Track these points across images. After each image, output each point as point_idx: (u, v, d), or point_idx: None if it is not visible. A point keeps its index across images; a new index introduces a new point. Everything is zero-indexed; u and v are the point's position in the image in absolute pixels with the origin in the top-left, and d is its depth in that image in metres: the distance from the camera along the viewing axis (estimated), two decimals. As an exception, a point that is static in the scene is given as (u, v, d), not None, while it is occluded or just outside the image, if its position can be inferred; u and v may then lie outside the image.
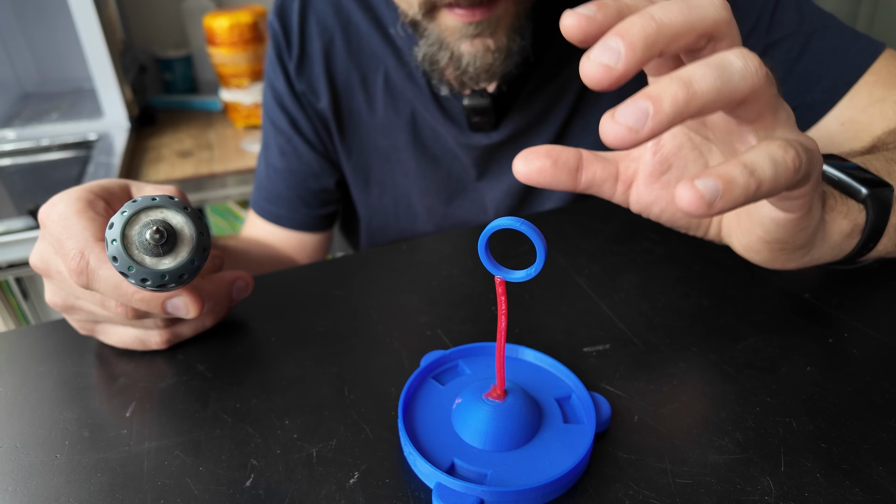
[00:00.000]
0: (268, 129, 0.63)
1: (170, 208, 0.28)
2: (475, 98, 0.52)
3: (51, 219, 0.30)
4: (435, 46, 0.47)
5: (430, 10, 0.44)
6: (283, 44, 0.58)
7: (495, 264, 0.24)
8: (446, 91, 0.51)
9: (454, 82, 0.50)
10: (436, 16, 0.45)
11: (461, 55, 0.46)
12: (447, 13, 0.44)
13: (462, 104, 0.53)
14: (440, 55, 0.47)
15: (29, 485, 0.26)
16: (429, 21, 0.46)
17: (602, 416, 0.27)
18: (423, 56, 0.48)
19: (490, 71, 0.47)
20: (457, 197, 0.62)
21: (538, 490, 0.24)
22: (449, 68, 0.48)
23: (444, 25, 0.45)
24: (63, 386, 0.32)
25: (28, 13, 1.27)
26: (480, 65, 0.46)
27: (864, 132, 0.48)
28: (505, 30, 0.45)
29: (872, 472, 0.25)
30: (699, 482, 0.25)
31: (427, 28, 0.47)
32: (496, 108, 0.54)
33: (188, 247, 0.28)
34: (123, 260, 0.27)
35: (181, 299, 0.30)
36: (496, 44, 0.45)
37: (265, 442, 0.28)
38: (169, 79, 1.39)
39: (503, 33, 0.45)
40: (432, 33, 0.47)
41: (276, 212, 0.64)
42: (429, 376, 0.30)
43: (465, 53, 0.46)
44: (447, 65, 0.47)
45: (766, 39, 0.51)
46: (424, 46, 0.48)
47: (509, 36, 0.46)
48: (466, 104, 0.52)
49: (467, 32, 0.44)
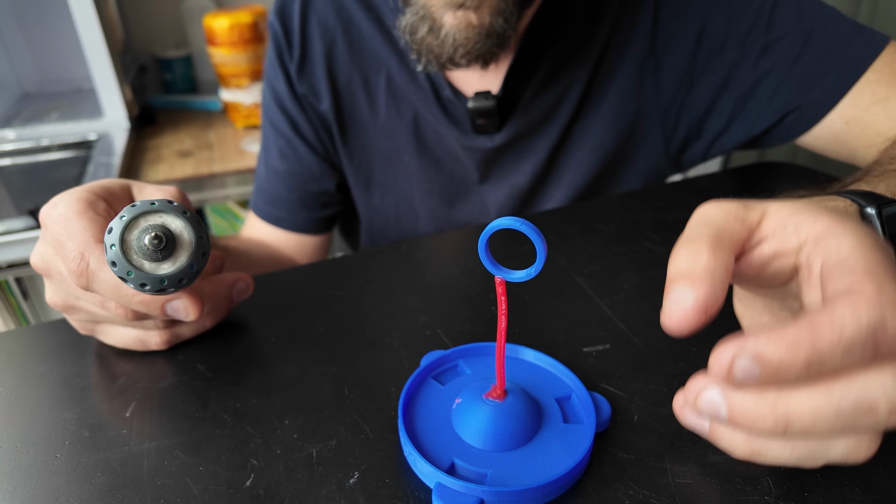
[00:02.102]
0: (268, 130, 0.63)
1: (169, 213, 0.28)
2: (479, 100, 0.52)
3: (52, 219, 0.30)
4: (418, 16, 0.46)
5: None
6: (284, 45, 0.58)
7: (495, 264, 0.24)
8: (422, 68, 0.50)
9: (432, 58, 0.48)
10: None
11: (442, 25, 0.45)
12: None
13: (466, 106, 0.53)
14: (421, 26, 0.46)
15: (29, 484, 0.26)
16: None
17: (602, 415, 0.28)
18: (405, 26, 0.47)
19: (468, 47, 0.46)
20: (459, 199, 0.62)
21: (538, 490, 0.24)
22: (428, 39, 0.47)
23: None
24: (63, 386, 0.32)
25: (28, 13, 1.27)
26: (459, 39, 0.45)
27: (870, 130, 0.48)
28: (489, 8, 0.44)
29: (872, 472, 0.25)
30: (699, 482, 0.25)
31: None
32: (500, 110, 0.54)
33: (187, 251, 0.28)
34: (122, 265, 0.27)
35: (181, 302, 0.30)
36: (479, 20, 0.45)
37: (265, 442, 0.28)
38: (169, 79, 1.39)
39: (487, 11, 0.45)
40: (417, 2, 0.46)
41: (276, 214, 0.64)
42: (429, 376, 0.30)
43: (447, 24, 0.45)
44: (426, 35, 0.46)
45: (766, 38, 0.51)
46: (408, 15, 0.47)
47: (493, 15, 0.45)
48: (471, 106, 0.52)
49: (452, 2, 0.44)
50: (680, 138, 0.57)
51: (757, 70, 0.52)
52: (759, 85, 0.52)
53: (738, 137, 0.55)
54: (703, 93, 0.54)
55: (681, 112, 0.56)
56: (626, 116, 0.56)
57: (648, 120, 0.57)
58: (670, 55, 0.54)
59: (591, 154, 0.58)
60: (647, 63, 0.54)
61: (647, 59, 0.54)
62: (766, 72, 0.52)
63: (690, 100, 0.55)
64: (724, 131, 0.56)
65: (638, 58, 0.54)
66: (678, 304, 0.21)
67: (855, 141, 0.49)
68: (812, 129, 0.52)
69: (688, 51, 0.53)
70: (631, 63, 0.54)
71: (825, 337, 0.18)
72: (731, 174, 0.56)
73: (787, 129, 0.53)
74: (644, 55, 0.54)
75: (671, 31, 0.53)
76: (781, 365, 0.18)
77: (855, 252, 0.20)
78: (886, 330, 0.18)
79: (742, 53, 0.52)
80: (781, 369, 0.19)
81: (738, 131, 0.55)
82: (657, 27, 0.53)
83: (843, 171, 0.42)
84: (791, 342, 0.18)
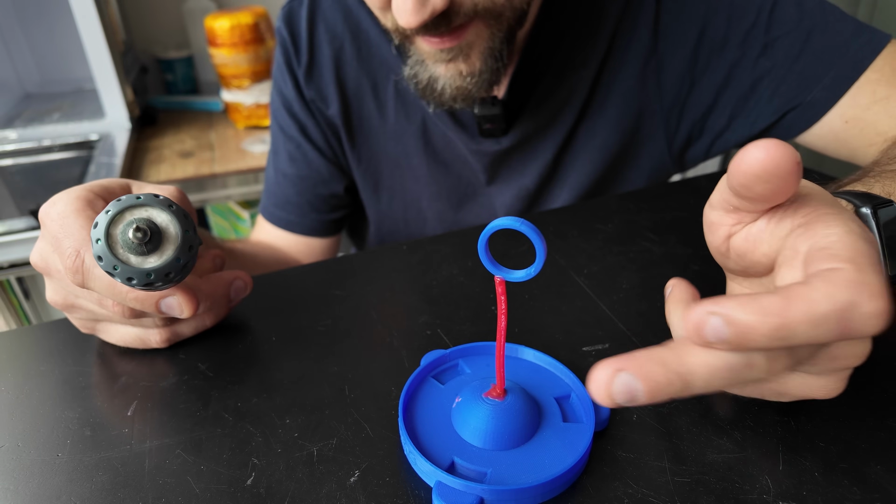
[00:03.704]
0: (277, 134, 0.63)
1: (154, 206, 0.28)
2: (486, 107, 0.53)
3: (50, 217, 0.30)
4: (417, 67, 0.49)
5: (405, 36, 0.46)
6: (292, 50, 0.59)
7: (495, 264, 0.25)
8: (432, 109, 0.53)
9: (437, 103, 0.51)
10: (413, 41, 0.47)
11: (437, 77, 0.48)
12: (420, 40, 0.46)
13: (473, 112, 0.53)
14: (422, 75, 0.49)
15: (31, 483, 0.26)
16: (409, 44, 0.48)
17: (601, 414, 0.28)
18: (409, 75, 0.50)
19: (464, 93, 0.49)
20: (467, 202, 0.62)
21: (538, 488, 0.24)
22: (428, 87, 0.49)
23: (421, 49, 0.47)
24: (64, 385, 0.32)
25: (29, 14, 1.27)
26: (454, 87, 0.48)
27: (870, 129, 0.48)
28: (479, 54, 0.46)
29: (871, 472, 0.25)
30: (698, 481, 0.25)
31: (409, 50, 0.48)
32: (506, 114, 0.54)
33: (173, 245, 0.28)
34: (108, 259, 0.27)
35: (175, 299, 0.31)
36: (469, 68, 0.47)
37: (266, 441, 0.28)
38: (170, 79, 1.40)
39: (476, 57, 0.46)
40: (414, 54, 0.48)
41: (286, 217, 0.64)
42: (429, 375, 0.30)
43: (441, 76, 0.48)
44: (427, 84, 0.49)
45: (766, 37, 0.51)
46: (409, 66, 0.49)
47: (483, 59, 0.47)
48: (477, 113, 0.53)
49: (441, 58, 0.46)
50: (682, 137, 0.58)
51: (757, 69, 0.52)
52: (760, 83, 0.52)
53: (739, 136, 0.55)
54: (704, 92, 0.55)
55: (683, 111, 0.56)
56: (629, 116, 0.56)
57: (651, 119, 0.57)
58: (672, 55, 0.54)
59: (595, 155, 0.58)
60: (650, 63, 0.54)
61: (650, 59, 0.54)
62: (766, 70, 0.52)
63: (692, 99, 0.55)
64: (726, 129, 0.56)
65: (640, 58, 0.54)
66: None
67: (855, 140, 0.49)
68: (812, 128, 0.52)
69: (689, 50, 0.53)
70: (633, 63, 0.54)
71: (797, 308, 0.18)
72: (731, 174, 0.56)
73: (787, 128, 0.53)
74: (646, 55, 0.54)
75: (672, 31, 0.53)
76: (750, 330, 0.19)
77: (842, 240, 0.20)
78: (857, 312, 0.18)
79: (742, 52, 0.52)
80: (750, 334, 0.19)
81: (739, 129, 0.55)
82: (658, 27, 0.53)
83: (841, 170, 0.42)
84: (762, 309, 0.19)
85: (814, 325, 0.18)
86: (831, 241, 0.20)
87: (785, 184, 0.21)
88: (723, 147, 0.57)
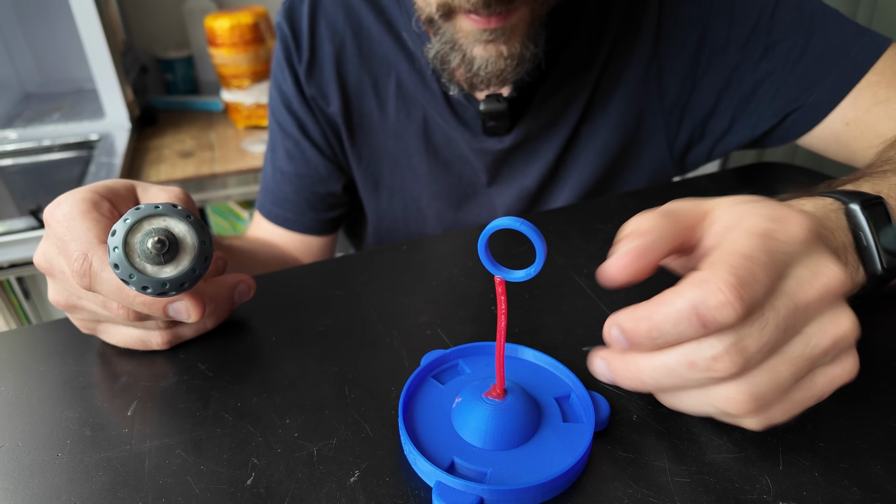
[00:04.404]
0: (275, 131, 0.63)
1: (173, 217, 0.28)
2: (492, 103, 0.52)
3: (55, 219, 0.30)
4: (448, 46, 0.47)
5: (448, 12, 0.44)
6: (293, 47, 0.58)
7: (495, 264, 0.25)
8: (455, 91, 0.51)
9: (464, 83, 0.50)
10: (452, 18, 0.45)
11: (473, 58, 0.46)
12: (464, 17, 0.44)
13: (478, 108, 0.53)
14: (452, 56, 0.47)
15: (31, 483, 0.26)
16: (444, 21, 0.46)
17: (601, 414, 0.28)
18: (435, 54, 0.48)
19: (501, 76, 0.47)
20: (467, 202, 0.62)
21: (538, 488, 0.24)
22: (460, 69, 0.48)
23: (459, 28, 0.45)
24: (65, 385, 0.32)
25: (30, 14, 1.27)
26: (492, 69, 0.46)
27: (870, 132, 0.48)
28: (519, 37, 0.45)
29: (871, 471, 0.25)
30: (697, 481, 0.25)
31: (442, 27, 0.46)
32: (510, 112, 0.54)
33: (190, 255, 0.28)
34: (125, 268, 0.27)
35: (183, 304, 0.31)
36: (509, 50, 0.46)
37: (266, 441, 0.28)
38: (170, 79, 1.40)
39: (517, 40, 0.45)
40: (446, 32, 0.46)
41: (283, 215, 0.64)
42: (429, 375, 0.30)
43: (478, 57, 0.46)
44: (458, 66, 0.47)
45: (767, 40, 0.51)
46: (437, 44, 0.48)
47: (523, 43, 0.46)
48: (483, 109, 0.52)
49: (482, 38, 0.44)
50: (683, 140, 0.58)
51: (758, 71, 0.52)
52: (761, 86, 0.52)
53: (740, 138, 0.55)
54: (705, 94, 0.55)
55: (684, 114, 0.56)
56: (630, 118, 0.56)
57: (652, 122, 0.57)
58: (673, 58, 0.54)
59: (596, 156, 0.58)
60: (651, 66, 0.54)
61: (651, 61, 0.54)
62: (767, 73, 0.52)
63: (693, 101, 0.55)
64: (727, 132, 0.56)
65: (642, 61, 0.54)
66: (619, 252, 0.24)
67: (855, 143, 0.49)
68: (813, 130, 0.52)
69: (690, 53, 0.53)
70: (636, 66, 0.54)
71: (661, 311, 0.22)
72: (729, 174, 0.56)
73: (788, 130, 0.53)
74: (648, 58, 0.54)
75: (674, 34, 0.53)
76: (633, 334, 0.23)
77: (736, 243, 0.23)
78: (706, 306, 0.21)
79: (743, 55, 0.52)
80: (633, 337, 0.23)
81: (740, 132, 0.55)
82: (661, 30, 0.53)
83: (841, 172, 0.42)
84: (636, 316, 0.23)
85: (675, 322, 0.22)
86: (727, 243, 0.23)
87: (661, 262, 0.25)
88: (724, 150, 0.57)
